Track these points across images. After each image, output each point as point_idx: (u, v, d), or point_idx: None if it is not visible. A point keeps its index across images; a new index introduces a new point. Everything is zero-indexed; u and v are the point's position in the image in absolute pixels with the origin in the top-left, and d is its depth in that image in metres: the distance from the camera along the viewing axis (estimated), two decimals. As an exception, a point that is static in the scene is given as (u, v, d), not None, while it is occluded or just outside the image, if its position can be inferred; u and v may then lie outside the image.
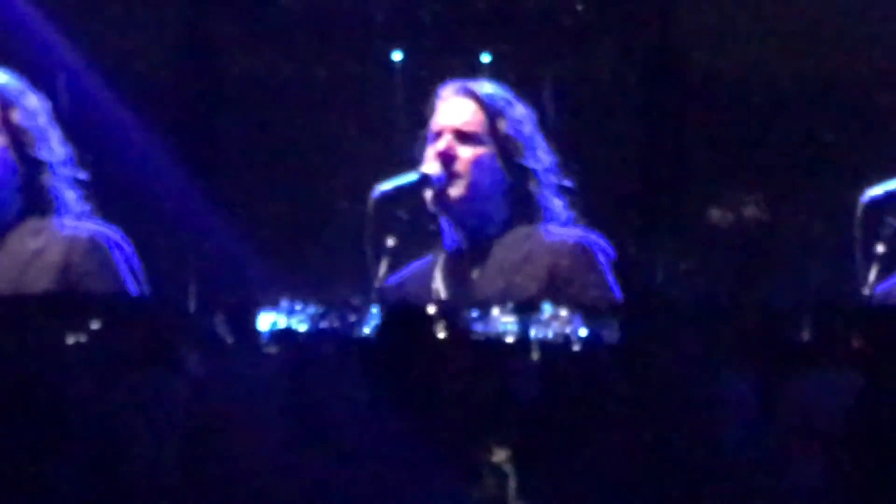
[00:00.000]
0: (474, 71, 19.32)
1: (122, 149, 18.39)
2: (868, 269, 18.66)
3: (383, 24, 19.13)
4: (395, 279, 19.20)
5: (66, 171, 18.32)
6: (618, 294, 18.76)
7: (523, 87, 18.99)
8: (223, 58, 18.63)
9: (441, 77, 19.62)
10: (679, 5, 18.16)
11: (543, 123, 18.06)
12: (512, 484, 6.77)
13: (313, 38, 19.47)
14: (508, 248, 18.87)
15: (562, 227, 18.79)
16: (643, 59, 18.72)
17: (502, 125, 18.77)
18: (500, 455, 6.95)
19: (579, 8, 19.16)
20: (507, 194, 18.74)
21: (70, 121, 18.43)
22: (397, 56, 19.19)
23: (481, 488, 6.94)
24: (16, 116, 18.19)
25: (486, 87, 18.89)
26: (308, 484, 6.70)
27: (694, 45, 18.23)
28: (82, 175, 17.97)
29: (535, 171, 18.89)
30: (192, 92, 17.90)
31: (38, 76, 18.11)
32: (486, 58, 19.30)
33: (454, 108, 18.91)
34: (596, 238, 18.81)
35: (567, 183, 18.44)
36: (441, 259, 19.18)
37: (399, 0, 18.85)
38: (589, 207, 18.72)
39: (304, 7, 19.15)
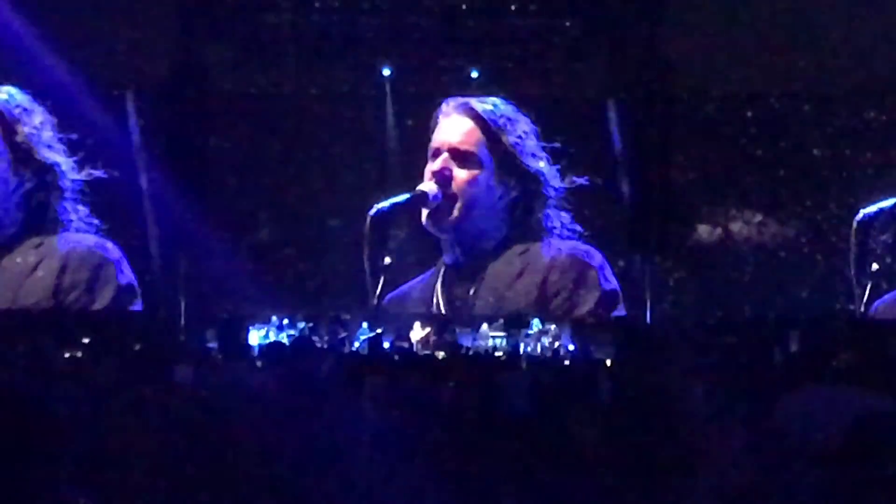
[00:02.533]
0: (463, 86, 19.37)
1: (114, 166, 18.41)
2: (861, 287, 18.77)
3: (373, 40, 19.15)
4: (398, 292, 19.27)
5: (71, 188, 18.40)
6: (615, 296, 18.66)
7: (511, 102, 19.13)
8: (214, 76, 18.64)
9: (430, 92, 19.72)
10: (667, 25, 18.18)
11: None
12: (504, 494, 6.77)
13: (303, 57, 19.48)
14: (504, 265, 19.00)
15: (560, 241, 18.79)
16: (632, 77, 18.74)
17: (502, 142, 18.84)
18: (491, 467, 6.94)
19: (567, 26, 19.19)
20: (506, 212, 18.83)
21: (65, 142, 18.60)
22: (387, 71, 19.22)
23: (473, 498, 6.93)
24: (20, 133, 18.26)
25: (488, 105, 18.93)
26: (299, 494, 6.68)
27: (682, 64, 18.25)
28: (86, 191, 18.06)
29: (536, 187, 18.96)
30: (183, 112, 17.89)
31: (36, 97, 18.30)
32: (474, 74, 19.35)
33: (453, 127, 18.93)
34: (590, 249, 18.78)
35: (580, 181, 18.33)
36: (441, 272, 19.22)
37: (388, 16, 18.84)
38: (581, 223, 18.80)
39: (293, 25, 19.17)
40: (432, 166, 18.12)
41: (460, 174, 18.14)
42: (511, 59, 19.59)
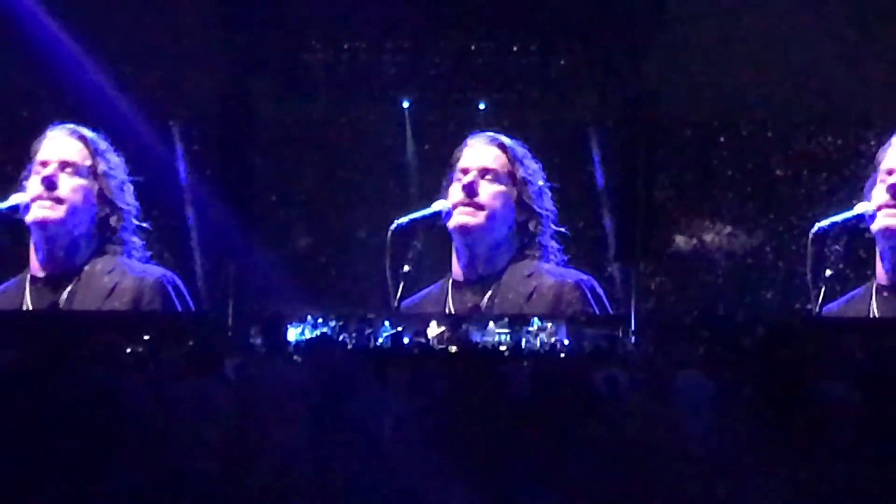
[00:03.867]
0: (472, 117, 19.43)
1: (172, 186, 18.49)
2: (817, 289, 18.88)
3: (394, 76, 19.19)
4: (411, 301, 19.41)
5: (135, 220, 18.92)
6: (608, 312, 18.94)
7: (515, 130, 19.22)
8: (258, 108, 18.67)
9: (444, 122, 19.84)
10: (650, 61, 18.17)
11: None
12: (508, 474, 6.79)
13: (334, 90, 19.52)
14: (514, 285, 19.33)
15: (560, 267, 19.19)
16: (618, 108, 18.74)
17: (520, 172, 19.31)
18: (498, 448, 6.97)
19: (563, 63, 19.21)
20: (515, 234, 19.11)
21: (131, 168, 18.83)
22: (406, 103, 19.26)
23: (482, 479, 6.94)
24: (102, 167, 18.88)
25: (508, 140, 19.31)
26: (330, 470, 6.72)
27: (663, 95, 18.24)
28: (146, 224, 18.54)
29: (540, 215, 19.34)
30: (231, 138, 17.94)
31: (103, 130, 18.47)
32: (482, 105, 19.40)
33: (482, 152, 19.33)
34: (590, 279, 19.18)
35: (562, 230, 18.82)
36: (451, 285, 19.42)
37: (407, 56, 18.90)
38: (574, 234, 18.88)
39: (326, 64, 19.24)
40: (464, 180, 18.30)
41: (487, 188, 18.38)
42: (514, 92, 19.62)
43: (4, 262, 18.53)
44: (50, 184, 17.94)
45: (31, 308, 18.20)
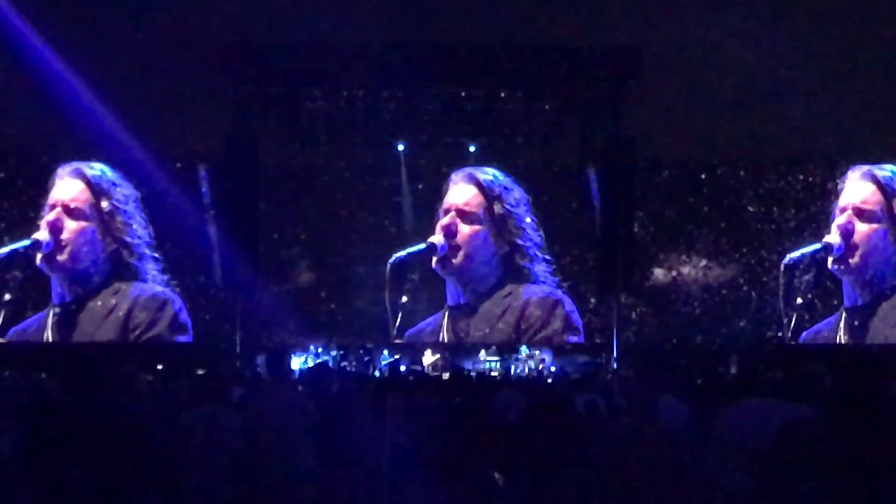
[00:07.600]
0: (463, 158, 19.52)
1: (183, 225, 18.53)
2: (788, 318, 18.91)
3: (389, 121, 19.27)
4: (415, 330, 19.54)
5: (146, 248, 18.94)
6: (579, 333, 19.04)
7: (509, 175, 19.27)
8: (263, 152, 18.72)
9: (437, 164, 19.91)
10: (629, 107, 18.25)
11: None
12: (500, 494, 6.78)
13: (334, 135, 19.61)
14: (493, 305, 19.41)
15: (538, 287, 19.20)
16: (600, 150, 18.81)
17: (498, 208, 19.39)
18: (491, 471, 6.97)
19: (547, 108, 19.29)
20: (500, 262, 19.17)
21: (146, 206, 18.84)
22: (401, 147, 19.34)
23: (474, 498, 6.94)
24: (106, 204, 18.92)
25: (489, 175, 19.39)
26: (332, 491, 6.71)
27: (642, 138, 18.32)
28: (158, 251, 18.58)
29: (524, 246, 19.38)
30: (238, 180, 17.98)
31: (120, 170, 18.51)
32: (472, 148, 19.48)
33: (460, 192, 19.40)
34: (560, 294, 19.17)
35: (548, 256, 18.88)
36: (446, 314, 19.49)
37: (402, 103, 18.98)
38: (560, 269, 18.90)
39: (326, 111, 19.33)
40: (442, 221, 18.53)
41: (464, 229, 18.54)
42: (501, 136, 19.72)
43: (34, 296, 18.63)
44: (54, 228, 18.22)
45: (51, 339, 18.34)
